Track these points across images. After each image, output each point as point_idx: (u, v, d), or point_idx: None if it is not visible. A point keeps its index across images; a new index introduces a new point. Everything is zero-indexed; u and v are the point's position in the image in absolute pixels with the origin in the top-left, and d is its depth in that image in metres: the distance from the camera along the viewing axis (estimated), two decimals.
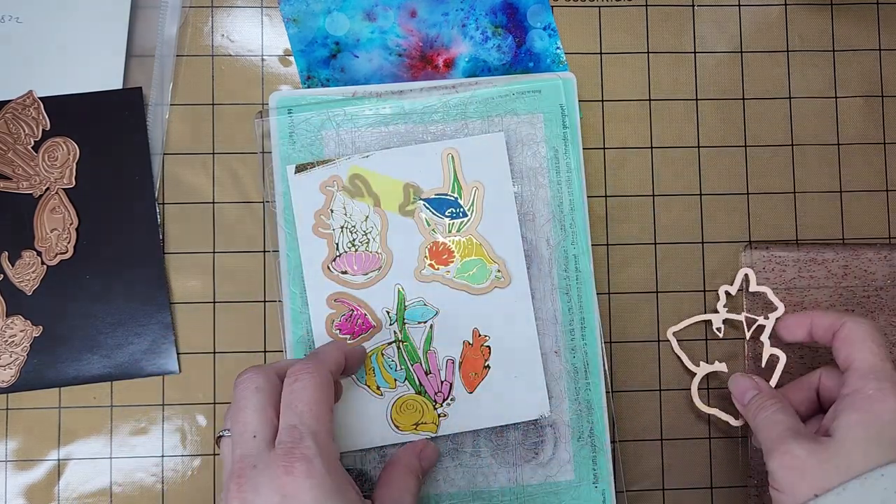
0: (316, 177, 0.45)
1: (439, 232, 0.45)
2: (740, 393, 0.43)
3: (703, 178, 0.50)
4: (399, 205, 0.45)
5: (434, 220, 0.45)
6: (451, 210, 0.45)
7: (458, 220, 0.45)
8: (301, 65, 0.49)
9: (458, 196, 0.45)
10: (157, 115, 0.48)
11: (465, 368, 0.44)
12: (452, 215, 0.45)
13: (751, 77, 0.51)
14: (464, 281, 0.44)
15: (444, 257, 0.44)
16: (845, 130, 0.51)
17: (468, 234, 0.45)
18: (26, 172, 0.47)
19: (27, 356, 0.46)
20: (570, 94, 0.47)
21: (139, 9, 0.48)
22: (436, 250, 0.44)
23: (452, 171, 0.45)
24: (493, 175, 0.45)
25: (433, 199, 0.45)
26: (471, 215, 0.45)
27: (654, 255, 0.49)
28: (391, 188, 0.45)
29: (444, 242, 0.45)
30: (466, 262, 0.45)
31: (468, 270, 0.44)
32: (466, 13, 0.49)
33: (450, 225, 0.45)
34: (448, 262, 0.44)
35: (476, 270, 0.44)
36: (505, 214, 0.45)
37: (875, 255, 0.49)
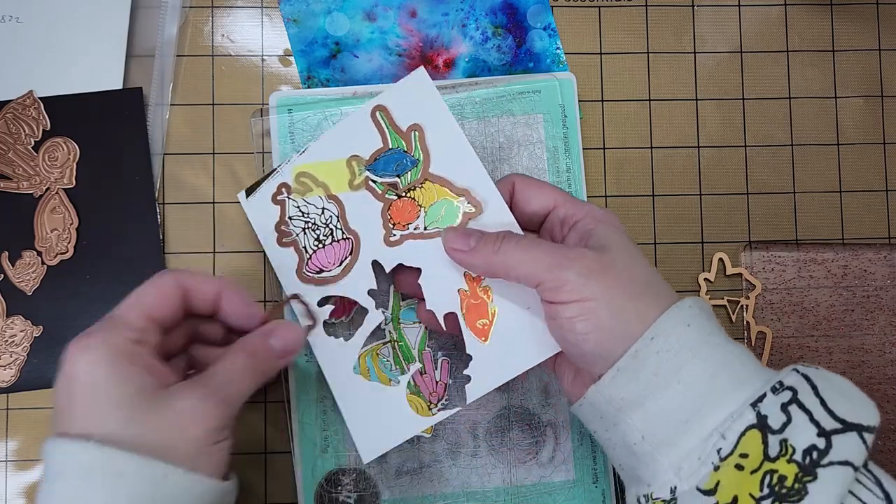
0: (265, 192, 0.44)
1: (396, 190, 0.42)
2: (463, 238, 0.38)
3: (702, 178, 0.50)
4: (348, 181, 0.43)
5: (386, 180, 0.42)
6: (398, 164, 0.42)
7: (408, 171, 0.42)
8: (301, 65, 0.49)
9: (399, 146, 0.42)
10: (158, 115, 0.48)
11: (471, 318, 0.40)
12: (401, 168, 0.42)
13: (751, 77, 0.51)
14: (436, 227, 0.41)
15: (408, 212, 0.41)
16: (845, 130, 0.51)
17: (423, 178, 0.41)
18: (26, 172, 0.47)
19: (27, 356, 0.46)
20: (570, 94, 0.47)
21: (139, 9, 0.48)
22: (397, 210, 0.42)
23: (386, 125, 0.42)
24: (429, 112, 0.42)
25: (377, 160, 0.42)
26: (420, 159, 0.42)
27: (654, 255, 0.49)
28: (336, 170, 0.43)
29: (403, 198, 0.42)
30: (432, 207, 0.41)
31: (436, 215, 0.41)
32: (466, 13, 0.49)
33: (402, 179, 0.42)
34: (414, 217, 0.41)
35: (444, 212, 0.41)
36: (454, 144, 0.41)
37: (875, 255, 0.49)
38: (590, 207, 0.38)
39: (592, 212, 0.38)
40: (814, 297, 0.49)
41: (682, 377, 0.33)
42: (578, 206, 0.38)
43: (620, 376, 0.34)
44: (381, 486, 0.45)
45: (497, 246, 0.36)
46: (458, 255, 0.38)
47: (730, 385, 0.33)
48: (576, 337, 0.34)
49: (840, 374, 0.48)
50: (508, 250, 0.36)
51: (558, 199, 0.39)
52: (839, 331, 0.49)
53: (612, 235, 0.36)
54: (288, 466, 0.46)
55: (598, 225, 0.37)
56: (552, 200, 0.39)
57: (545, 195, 0.39)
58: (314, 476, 0.45)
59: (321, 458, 0.45)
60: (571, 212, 0.38)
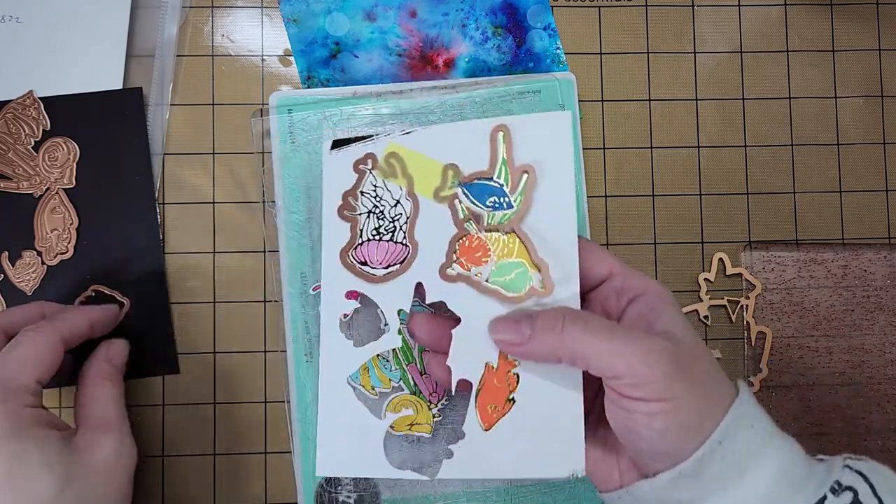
0: (350, 154, 0.40)
1: (477, 224, 0.37)
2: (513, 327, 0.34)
3: (702, 178, 0.50)
4: (435, 189, 0.38)
5: (472, 208, 0.37)
6: (493, 199, 0.37)
7: (499, 211, 0.37)
8: (301, 65, 0.49)
9: (503, 183, 0.37)
10: (158, 115, 0.48)
11: (484, 399, 0.35)
12: (495, 205, 0.37)
13: (751, 77, 0.51)
14: (497, 287, 0.36)
15: (477, 255, 0.37)
16: (845, 130, 0.51)
17: (510, 229, 0.36)
18: (26, 172, 0.47)
19: None
20: (570, 94, 0.47)
21: (139, 9, 0.48)
22: (468, 246, 0.37)
23: (502, 152, 0.37)
24: (552, 161, 0.37)
25: (474, 184, 0.37)
26: (517, 207, 0.36)
27: (654, 255, 0.49)
28: (429, 169, 0.38)
29: (480, 237, 0.37)
30: (504, 263, 0.36)
31: (505, 274, 0.36)
32: (466, 13, 0.49)
33: (489, 216, 0.37)
34: (481, 262, 0.37)
35: (514, 275, 0.36)
36: (560, 210, 0.36)
37: (875, 255, 0.49)
38: (648, 281, 0.36)
39: (653, 287, 0.35)
40: (814, 297, 0.49)
41: (745, 482, 0.31)
42: (638, 279, 0.36)
43: (682, 479, 0.31)
44: (381, 485, 0.45)
45: (560, 327, 0.32)
46: (511, 349, 0.34)
47: (789, 488, 0.32)
48: (650, 434, 0.31)
49: (840, 374, 0.49)
50: (576, 334, 0.32)
51: (615, 267, 0.36)
52: (839, 331, 0.49)
53: (677, 318, 0.34)
54: (288, 466, 0.46)
55: (661, 304, 0.34)
56: (608, 268, 0.36)
57: (603, 262, 0.36)
58: (314, 476, 0.45)
59: None
60: (630, 284, 0.35)
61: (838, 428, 0.49)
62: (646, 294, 0.35)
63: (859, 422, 0.49)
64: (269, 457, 0.47)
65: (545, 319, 0.33)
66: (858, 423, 0.49)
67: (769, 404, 0.48)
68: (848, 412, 0.49)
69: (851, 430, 0.49)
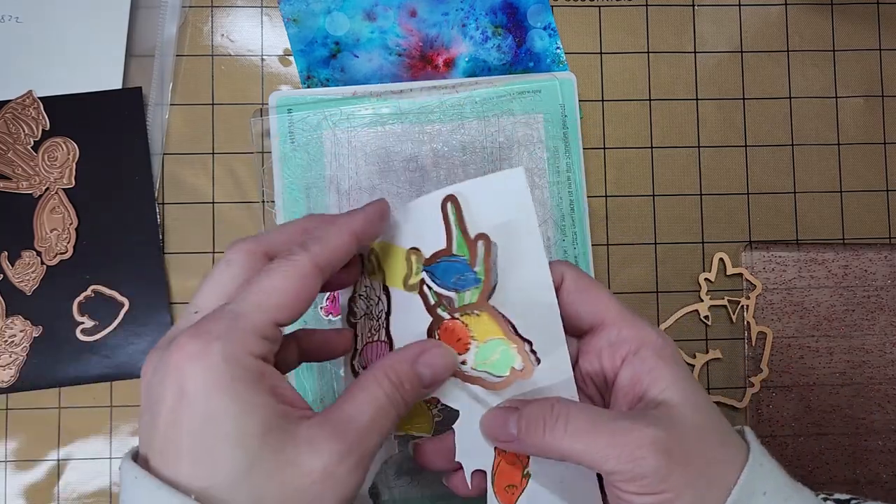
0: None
1: (449, 308, 0.33)
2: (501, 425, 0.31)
3: (703, 178, 0.50)
4: (403, 278, 0.34)
5: (440, 292, 0.33)
6: (457, 277, 0.32)
7: (467, 289, 0.32)
8: (301, 65, 0.49)
9: (465, 256, 0.32)
10: (157, 115, 0.48)
11: (500, 482, 0.33)
12: (460, 283, 0.32)
13: (751, 77, 0.51)
14: (485, 372, 0.33)
15: (458, 341, 0.33)
16: (845, 130, 0.51)
17: (480, 307, 0.32)
18: (26, 172, 0.47)
19: (27, 356, 0.46)
20: (570, 93, 0.47)
21: (139, 9, 0.48)
22: (447, 333, 0.33)
23: (454, 223, 0.32)
24: (514, 221, 0.32)
25: (437, 264, 0.33)
26: (482, 279, 0.32)
27: (654, 255, 0.49)
28: (395, 258, 0.34)
29: (456, 321, 0.33)
30: (485, 345, 0.32)
31: (488, 357, 0.33)
32: (466, 13, 0.49)
33: (459, 297, 0.32)
34: (464, 348, 0.33)
35: (499, 356, 0.32)
36: (531, 272, 0.32)
37: (875, 255, 0.49)
38: (647, 333, 0.32)
39: (650, 340, 0.32)
40: (814, 297, 0.49)
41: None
42: (634, 330, 0.32)
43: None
44: (381, 486, 0.45)
45: (543, 431, 0.30)
46: (502, 446, 0.32)
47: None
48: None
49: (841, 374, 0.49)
50: (559, 434, 0.29)
51: (610, 313, 0.33)
52: (840, 331, 0.49)
53: (676, 380, 0.31)
54: None
55: (658, 363, 0.31)
56: (603, 313, 0.33)
57: (597, 305, 0.33)
58: None
59: None
60: (625, 336, 0.32)
61: (839, 428, 0.49)
62: (641, 350, 0.32)
63: (860, 422, 0.49)
64: None
65: (529, 419, 0.30)
66: (859, 424, 0.49)
67: (770, 405, 0.48)
68: (848, 412, 0.49)
69: (852, 430, 0.49)
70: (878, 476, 0.49)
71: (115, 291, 0.46)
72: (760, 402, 0.48)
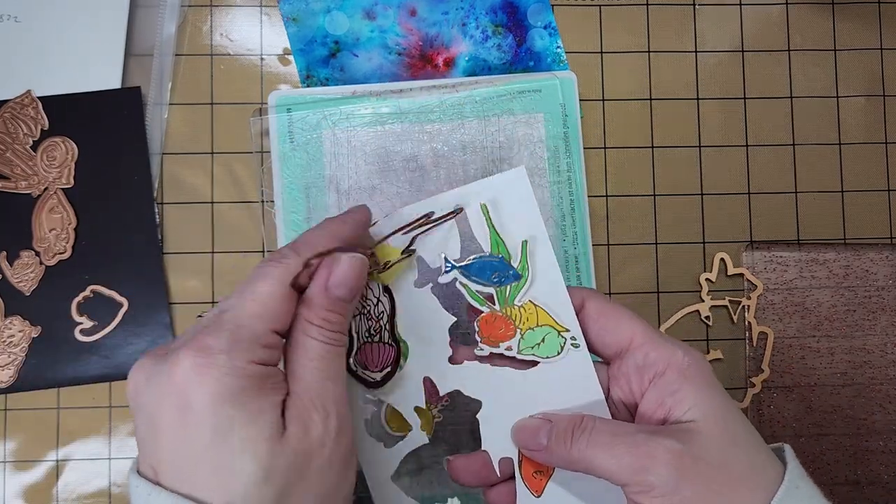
0: None
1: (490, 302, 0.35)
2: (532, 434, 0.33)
3: (703, 178, 0.50)
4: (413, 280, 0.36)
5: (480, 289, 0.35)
6: (495, 274, 0.35)
7: (507, 284, 0.35)
8: (300, 64, 0.48)
9: (501, 255, 0.35)
10: (156, 114, 0.48)
11: (527, 468, 0.35)
12: (501, 279, 0.35)
13: (752, 76, 0.50)
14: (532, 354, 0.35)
15: (500, 331, 0.35)
16: (847, 130, 0.51)
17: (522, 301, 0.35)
18: (25, 172, 0.46)
19: (26, 356, 0.46)
20: (571, 93, 0.47)
21: (138, 8, 0.48)
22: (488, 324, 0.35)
23: (488, 224, 0.35)
24: (527, 222, 0.35)
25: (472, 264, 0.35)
26: (525, 275, 0.35)
27: (654, 255, 0.49)
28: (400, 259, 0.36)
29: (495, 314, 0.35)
30: (530, 332, 0.35)
31: (534, 341, 0.35)
32: (466, 12, 0.49)
33: (499, 293, 0.35)
34: (507, 336, 0.35)
35: (545, 341, 0.35)
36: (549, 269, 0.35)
37: (877, 255, 0.49)
38: (673, 353, 0.32)
39: (676, 361, 0.32)
40: (815, 297, 0.49)
41: None
42: (660, 351, 0.32)
43: None
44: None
45: (569, 443, 0.31)
46: (531, 455, 0.33)
47: None
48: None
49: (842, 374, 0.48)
50: (583, 448, 0.30)
51: (637, 335, 0.33)
52: (841, 331, 0.49)
53: (702, 401, 0.31)
54: None
55: (684, 384, 0.31)
56: (629, 336, 0.33)
57: (622, 329, 0.33)
58: None
59: None
60: (652, 358, 0.32)
61: (840, 429, 0.49)
62: (667, 372, 0.32)
63: (861, 422, 0.49)
64: None
65: (558, 430, 0.32)
66: (860, 424, 0.49)
67: (771, 405, 0.48)
68: (850, 413, 0.49)
69: (853, 430, 0.49)
70: (880, 477, 0.49)
71: (113, 291, 0.46)
72: (761, 403, 0.48)
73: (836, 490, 0.48)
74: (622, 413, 0.34)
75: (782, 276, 0.49)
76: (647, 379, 0.32)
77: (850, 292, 0.49)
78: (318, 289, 0.30)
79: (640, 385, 0.33)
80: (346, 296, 0.30)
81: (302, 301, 0.30)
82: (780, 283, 0.49)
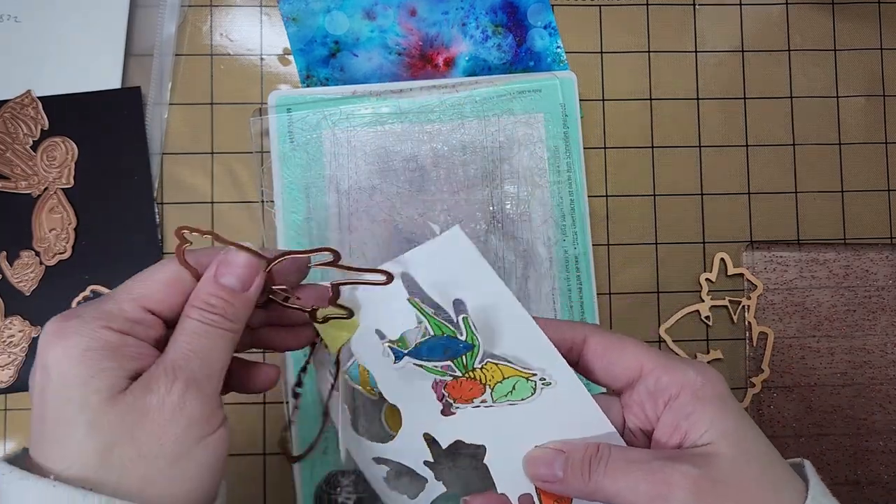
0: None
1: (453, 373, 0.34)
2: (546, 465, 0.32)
3: (703, 178, 0.50)
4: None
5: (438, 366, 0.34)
6: (446, 349, 0.34)
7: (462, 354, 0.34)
8: (300, 64, 0.48)
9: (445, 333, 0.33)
10: (156, 114, 0.48)
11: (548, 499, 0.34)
12: (451, 352, 0.34)
13: (752, 76, 0.50)
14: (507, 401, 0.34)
15: (470, 390, 0.34)
16: (847, 130, 0.51)
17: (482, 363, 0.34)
18: (25, 172, 0.46)
19: (26, 356, 0.46)
20: (571, 93, 0.47)
21: (138, 8, 0.48)
22: (456, 388, 0.34)
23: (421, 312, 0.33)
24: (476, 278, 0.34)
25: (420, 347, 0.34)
26: (476, 344, 0.33)
27: (654, 255, 0.49)
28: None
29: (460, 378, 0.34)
30: (499, 385, 0.34)
31: (505, 391, 0.34)
32: (466, 12, 0.49)
33: (457, 363, 0.34)
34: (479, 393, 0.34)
35: (516, 388, 0.34)
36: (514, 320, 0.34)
37: (877, 255, 0.49)
38: (685, 374, 0.31)
39: (689, 382, 0.31)
40: (815, 297, 0.49)
41: None
42: (672, 374, 0.32)
43: None
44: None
45: (587, 473, 0.31)
46: (545, 486, 0.33)
47: None
48: None
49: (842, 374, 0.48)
50: (600, 477, 0.30)
51: (646, 363, 0.32)
52: (841, 331, 0.49)
53: (718, 422, 0.30)
54: (287, 467, 0.46)
55: (698, 407, 0.31)
56: (638, 366, 0.32)
57: (629, 359, 0.33)
58: (313, 477, 0.45)
59: (321, 460, 0.45)
60: (664, 384, 0.32)
61: (840, 429, 0.49)
62: (681, 395, 0.31)
63: (861, 422, 0.49)
64: (269, 458, 0.47)
65: (574, 461, 0.31)
66: (860, 424, 0.49)
67: (771, 405, 0.48)
68: (850, 413, 0.49)
69: (853, 430, 0.49)
70: (880, 477, 0.49)
71: None
72: (762, 403, 0.48)
73: (836, 490, 0.48)
74: (640, 440, 0.34)
75: (782, 276, 0.49)
76: (662, 403, 0.32)
77: (850, 292, 0.49)
78: (206, 275, 0.30)
79: (655, 410, 0.32)
80: (234, 284, 0.30)
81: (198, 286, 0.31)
82: (780, 283, 0.49)
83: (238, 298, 0.30)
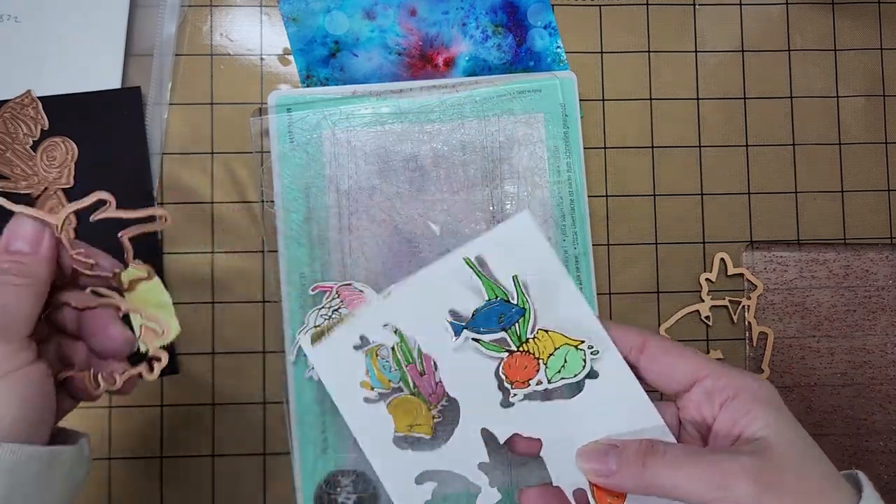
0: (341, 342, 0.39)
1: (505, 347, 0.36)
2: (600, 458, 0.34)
3: (703, 178, 0.50)
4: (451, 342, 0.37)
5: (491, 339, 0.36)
6: (500, 316, 0.36)
7: (515, 321, 0.36)
8: (300, 64, 0.48)
9: (499, 297, 0.36)
10: (156, 114, 0.48)
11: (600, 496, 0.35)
12: (506, 320, 0.36)
13: (752, 76, 0.50)
14: (561, 380, 0.36)
15: (525, 368, 0.36)
16: (847, 130, 0.51)
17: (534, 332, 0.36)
18: (25, 172, 0.46)
19: None
20: (571, 93, 0.47)
21: (138, 8, 0.48)
22: (511, 367, 0.36)
23: (478, 275, 0.36)
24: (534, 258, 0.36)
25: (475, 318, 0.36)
26: (527, 308, 0.36)
27: (654, 256, 0.49)
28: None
29: (516, 354, 0.36)
30: (552, 358, 0.36)
31: (558, 366, 0.36)
32: (466, 12, 0.49)
33: (511, 333, 0.36)
34: (534, 371, 0.36)
35: (567, 360, 0.36)
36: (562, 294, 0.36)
37: (877, 255, 0.49)
38: (742, 379, 0.33)
39: (746, 385, 0.33)
40: (815, 297, 0.49)
41: None
42: (730, 378, 0.33)
43: None
44: (381, 487, 0.45)
45: (642, 465, 0.32)
46: (598, 480, 0.34)
47: None
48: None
49: (842, 375, 0.48)
50: (658, 469, 0.31)
51: (703, 368, 0.34)
52: (841, 331, 0.49)
53: (774, 421, 0.32)
54: (287, 468, 0.46)
55: (755, 407, 0.32)
56: (696, 369, 0.34)
57: (688, 364, 0.34)
58: (313, 477, 0.45)
59: (320, 460, 0.45)
60: (721, 385, 0.33)
61: (840, 429, 0.49)
62: (738, 396, 0.33)
63: (861, 423, 0.49)
64: (268, 458, 0.47)
65: (627, 455, 0.32)
66: (860, 424, 0.49)
67: None
68: (850, 413, 0.49)
69: (853, 430, 0.49)
70: (880, 477, 0.49)
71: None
72: None
73: None
74: (692, 433, 0.35)
75: (782, 276, 0.49)
76: (718, 404, 0.33)
77: (850, 292, 0.49)
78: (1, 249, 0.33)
79: (711, 410, 0.34)
80: (24, 248, 0.33)
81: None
82: (780, 283, 0.49)
83: (30, 258, 0.33)
